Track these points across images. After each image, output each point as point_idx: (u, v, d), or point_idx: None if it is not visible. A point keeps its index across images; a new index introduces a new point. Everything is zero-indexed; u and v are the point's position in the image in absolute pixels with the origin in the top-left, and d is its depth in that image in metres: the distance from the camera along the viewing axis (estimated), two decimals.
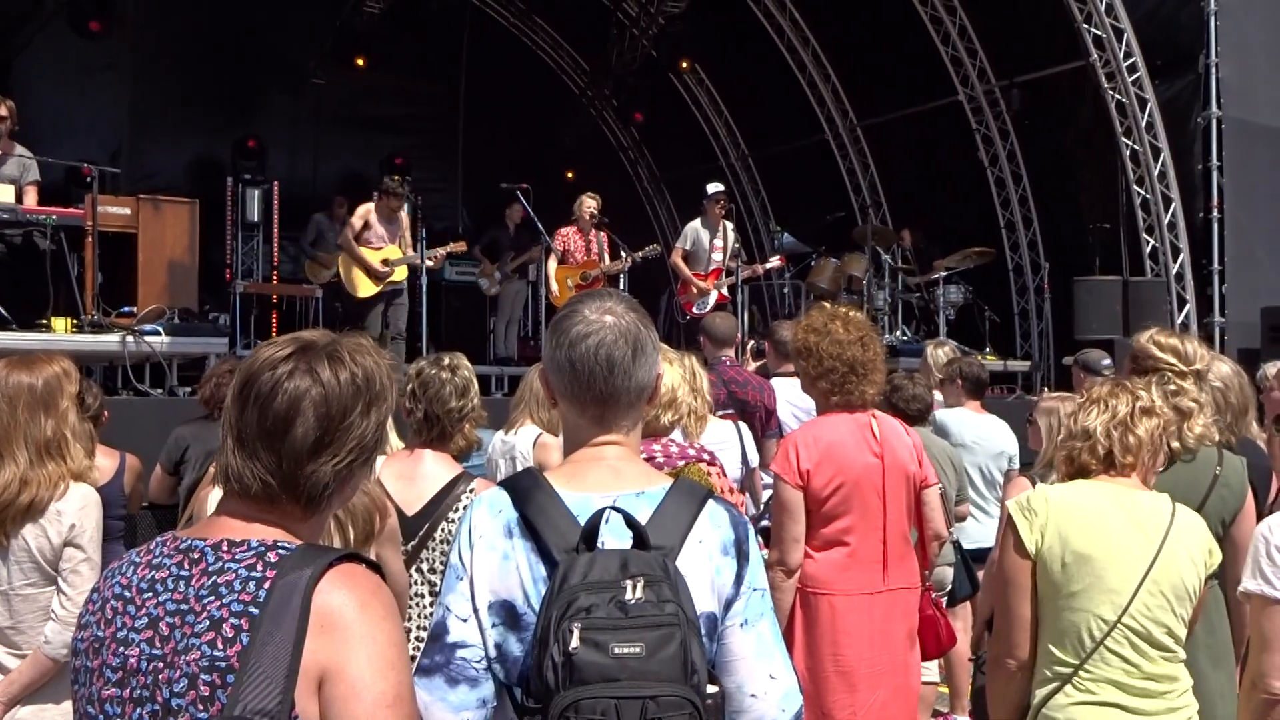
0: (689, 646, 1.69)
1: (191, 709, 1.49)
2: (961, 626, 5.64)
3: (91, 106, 12.82)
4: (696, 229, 9.80)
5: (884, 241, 12.11)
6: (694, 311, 9.53)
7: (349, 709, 1.49)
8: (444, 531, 3.43)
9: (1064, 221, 12.11)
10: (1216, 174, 10.90)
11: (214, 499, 1.72)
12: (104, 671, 1.57)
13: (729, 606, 1.83)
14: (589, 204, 9.80)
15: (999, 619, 2.83)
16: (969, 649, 5.58)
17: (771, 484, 3.96)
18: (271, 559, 1.55)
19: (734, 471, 4.51)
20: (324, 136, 14.55)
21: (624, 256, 9.76)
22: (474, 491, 3.44)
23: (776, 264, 11.02)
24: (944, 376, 6.44)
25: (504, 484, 1.90)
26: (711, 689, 1.77)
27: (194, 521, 2.89)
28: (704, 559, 1.81)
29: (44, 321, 7.29)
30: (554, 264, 9.81)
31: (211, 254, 11.41)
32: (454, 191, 15.70)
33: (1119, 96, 10.94)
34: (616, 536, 1.75)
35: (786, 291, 12.78)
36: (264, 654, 1.48)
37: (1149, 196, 11.07)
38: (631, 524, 1.75)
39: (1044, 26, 11.47)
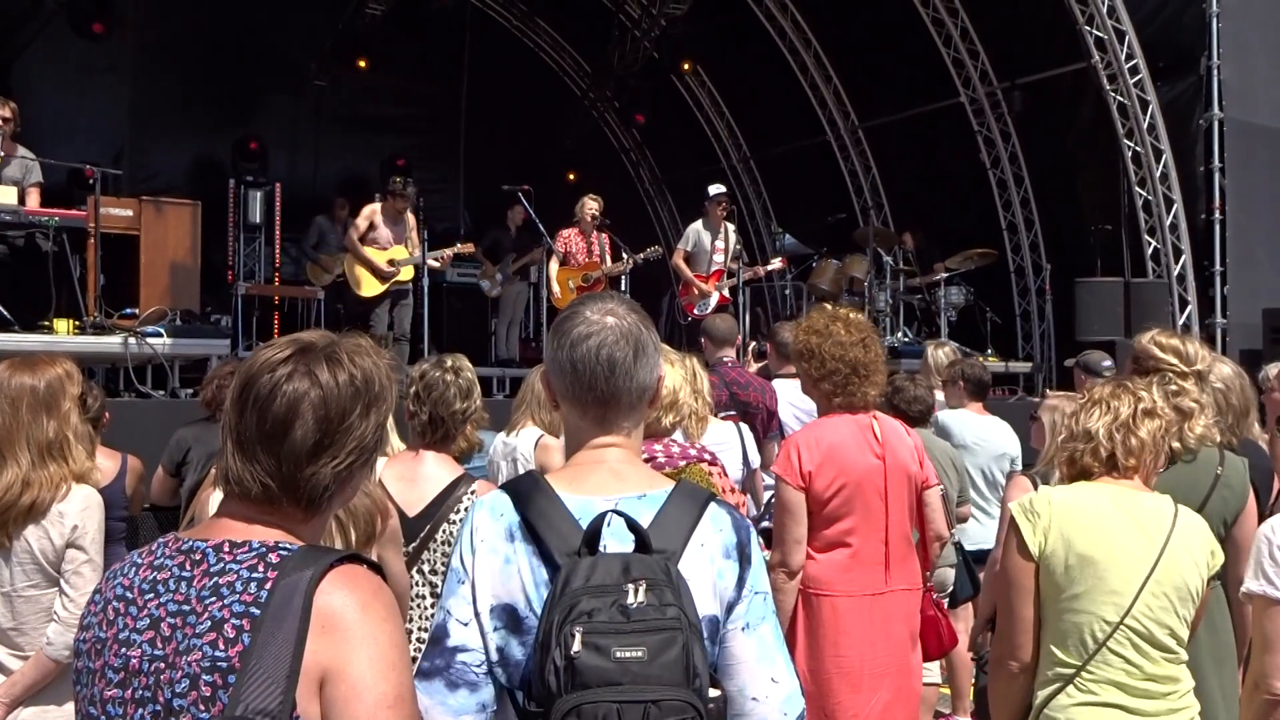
0: (691, 650, 1.68)
1: (193, 709, 1.49)
2: (963, 628, 5.63)
3: (93, 108, 12.83)
4: (698, 230, 9.80)
5: (885, 243, 12.10)
6: (695, 313, 9.53)
7: (350, 709, 1.49)
8: (445, 533, 3.43)
9: (1065, 223, 12.10)
10: (1218, 175, 10.90)
11: (215, 500, 1.72)
12: (106, 672, 1.57)
13: (731, 610, 1.82)
14: (590, 206, 9.81)
15: (1002, 620, 2.83)
16: (970, 650, 5.59)
17: (773, 485, 3.96)
18: (273, 560, 1.55)
19: (735, 472, 4.51)
20: (325, 138, 14.56)
21: (625, 258, 9.76)
22: (475, 493, 3.44)
23: (778, 265, 11.02)
24: (946, 378, 6.43)
25: (505, 487, 1.90)
26: (713, 693, 1.76)
27: (195, 523, 2.90)
28: (706, 562, 1.81)
29: (46, 323, 7.29)
30: (555, 265, 9.82)
31: (213, 256, 11.42)
32: (455, 193, 15.70)
33: (1120, 98, 10.93)
34: (618, 540, 1.75)
35: (788, 293, 12.77)
36: (265, 654, 1.48)
37: (1150, 198, 11.06)
38: (633, 527, 1.75)
39: (1045, 28, 11.47)
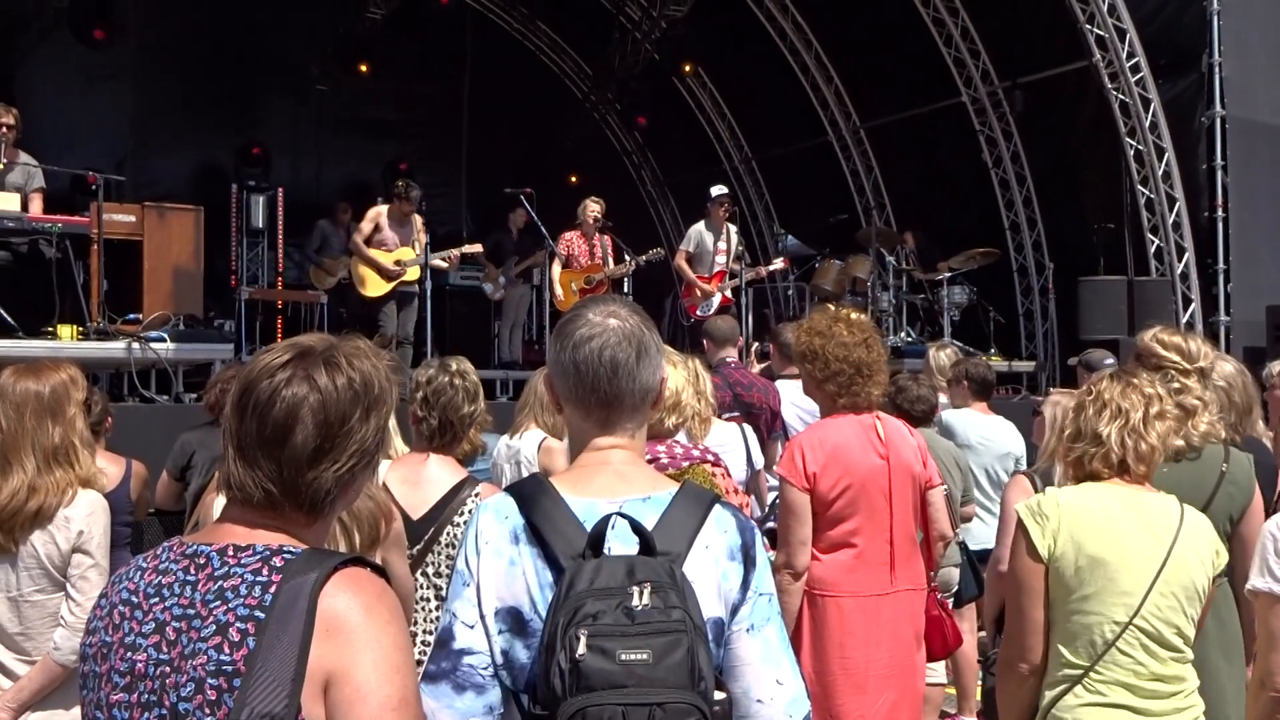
0: (696, 653, 1.68)
1: (199, 713, 1.49)
2: (968, 628, 5.64)
3: (96, 114, 12.84)
4: (700, 232, 9.80)
5: (888, 243, 12.09)
6: (698, 314, 9.53)
7: (355, 712, 1.49)
8: (449, 536, 3.43)
9: (1068, 222, 12.08)
10: (1220, 173, 10.89)
11: (219, 505, 1.73)
12: (112, 676, 1.57)
13: (735, 611, 1.82)
14: (592, 208, 9.82)
15: (1011, 622, 2.81)
16: (976, 650, 5.58)
17: (777, 486, 3.95)
18: (277, 563, 1.55)
19: (739, 473, 4.51)
20: (327, 142, 14.57)
21: (628, 260, 9.76)
22: (479, 496, 3.44)
23: (779, 266, 11.01)
24: (950, 378, 6.43)
25: (510, 490, 1.90)
26: (719, 695, 1.76)
27: (200, 527, 2.91)
28: (710, 564, 1.81)
29: (50, 329, 7.29)
30: (558, 268, 9.82)
31: (216, 261, 11.41)
32: (457, 196, 15.71)
33: (1122, 96, 10.92)
34: (623, 542, 1.75)
35: (790, 294, 12.76)
36: (270, 658, 1.48)
37: (1153, 196, 11.05)
38: (638, 530, 1.74)
39: (1046, 27, 11.46)
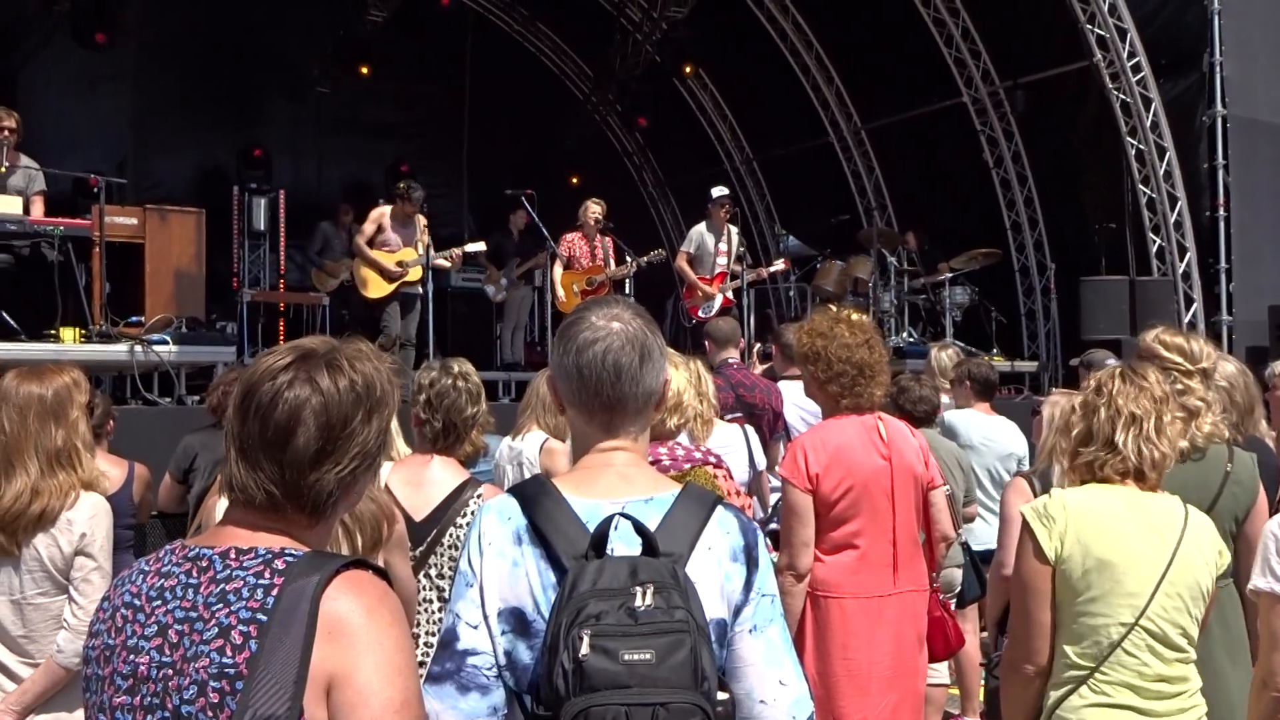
0: (699, 653, 1.68)
1: (201, 716, 1.50)
2: (970, 628, 5.63)
3: (97, 117, 12.85)
4: (701, 233, 9.81)
5: (889, 244, 12.09)
6: (699, 315, 9.54)
7: (357, 715, 1.50)
8: (452, 537, 3.43)
9: (1070, 222, 12.08)
10: (1222, 173, 10.88)
11: (222, 507, 1.73)
12: (115, 679, 1.58)
13: (738, 612, 1.82)
14: (594, 209, 9.82)
15: (1017, 625, 2.79)
16: (979, 651, 5.58)
17: (779, 487, 3.95)
18: (279, 566, 1.56)
19: (741, 475, 4.51)
20: (329, 144, 14.58)
21: (629, 261, 9.76)
22: (481, 497, 3.44)
23: (780, 267, 11.02)
24: (953, 378, 6.43)
25: (513, 491, 1.90)
26: (722, 696, 1.76)
27: (203, 530, 2.91)
28: (713, 565, 1.81)
29: (52, 332, 7.30)
30: (559, 269, 9.82)
31: (218, 263, 11.41)
32: (458, 197, 15.71)
33: (1123, 96, 10.92)
34: (626, 543, 1.75)
35: (792, 294, 12.77)
36: (273, 660, 1.48)
37: (1155, 196, 11.04)
38: (641, 530, 1.75)
39: (1047, 27, 11.46)
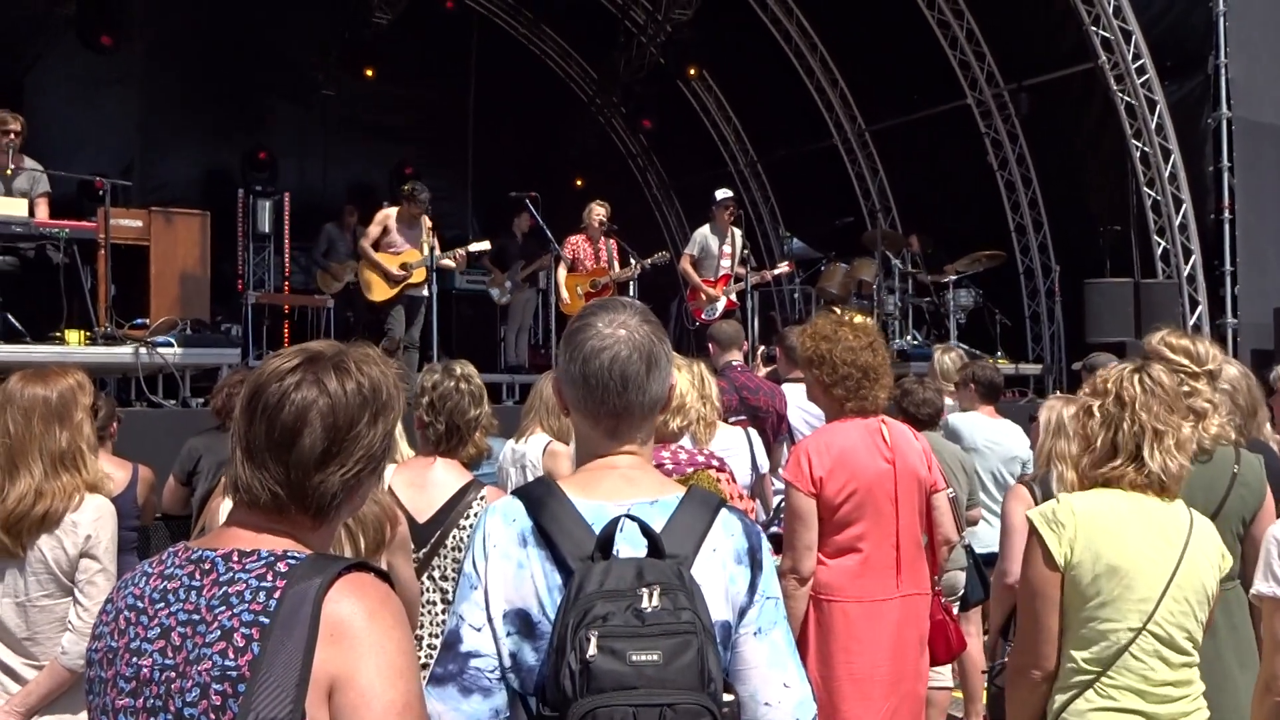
0: (706, 654, 1.68)
1: (204, 718, 1.50)
2: (974, 631, 5.62)
3: (102, 120, 12.87)
4: (705, 235, 9.81)
5: (893, 246, 12.08)
6: (703, 318, 9.55)
7: (359, 717, 1.50)
8: (455, 539, 3.43)
9: (1074, 224, 12.06)
10: (1227, 175, 10.86)
11: (226, 509, 1.73)
12: (117, 681, 1.58)
13: (743, 615, 1.82)
14: (598, 211, 9.83)
15: (1025, 630, 2.78)
16: (982, 654, 5.57)
17: (783, 490, 3.95)
18: (281, 569, 1.56)
19: (743, 478, 4.51)
20: (333, 146, 14.59)
21: (633, 263, 9.76)
22: (484, 499, 3.44)
23: (784, 269, 11.02)
24: (958, 380, 6.43)
25: (518, 492, 1.89)
26: (727, 697, 1.76)
27: (206, 532, 2.91)
28: (718, 567, 1.81)
29: (57, 334, 7.32)
30: (564, 272, 9.83)
31: (223, 265, 11.45)
32: (463, 200, 15.73)
33: (1128, 98, 10.91)
34: (631, 545, 1.75)
35: (796, 297, 12.76)
36: (275, 663, 1.48)
37: (1159, 198, 11.03)
38: (646, 532, 1.75)
39: (1052, 29, 11.45)
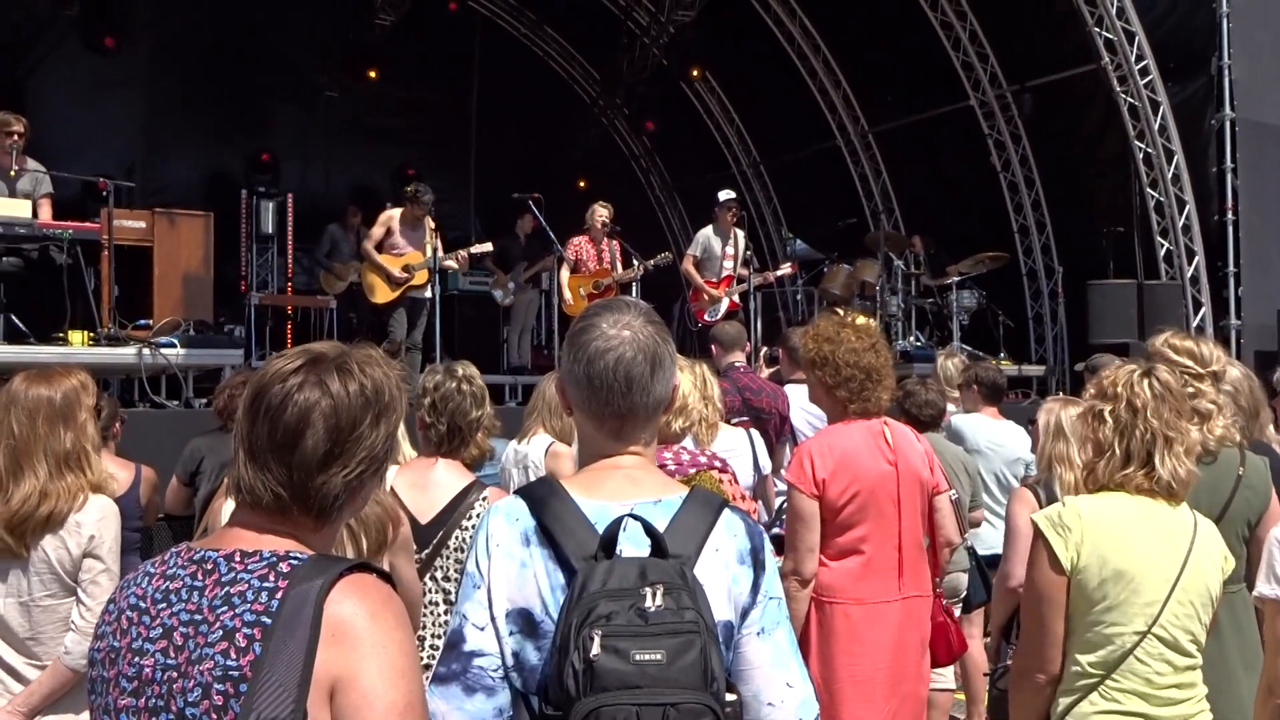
0: (709, 654, 1.68)
1: (205, 718, 1.50)
2: (976, 633, 5.62)
3: (106, 122, 12.88)
4: (708, 236, 9.82)
5: (896, 247, 12.08)
6: (706, 319, 9.55)
7: (361, 717, 1.50)
8: (458, 539, 3.43)
9: (1077, 225, 12.05)
10: (1230, 176, 10.84)
11: (228, 510, 1.74)
12: (119, 681, 1.58)
13: (745, 615, 1.82)
14: (601, 213, 9.83)
15: (1030, 634, 2.78)
16: (984, 656, 5.56)
17: (785, 491, 3.95)
18: (284, 569, 1.56)
19: (745, 479, 4.51)
20: (336, 148, 14.59)
21: (636, 265, 9.77)
22: (486, 500, 3.44)
23: (788, 271, 11.02)
24: (961, 382, 6.44)
25: (521, 492, 1.89)
26: (729, 697, 1.76)
27: (209, 532, 2.91)
28: (721, 567, 1.81)
29: (61, 335, 7.33)
30: (566, 273, 9.83)
31: (226, 266, 11.47)
32: (466, 201, 15.72)
33: (1131, 99, 10.90)
34: (635, 544, 1.75)
35: (799, 298, 12.76)
36: (277, 663, 1.49)
37: (1163, 199, 11.02)
38: (650, 532, 1.75)
39: (1055, 30, 11.44)
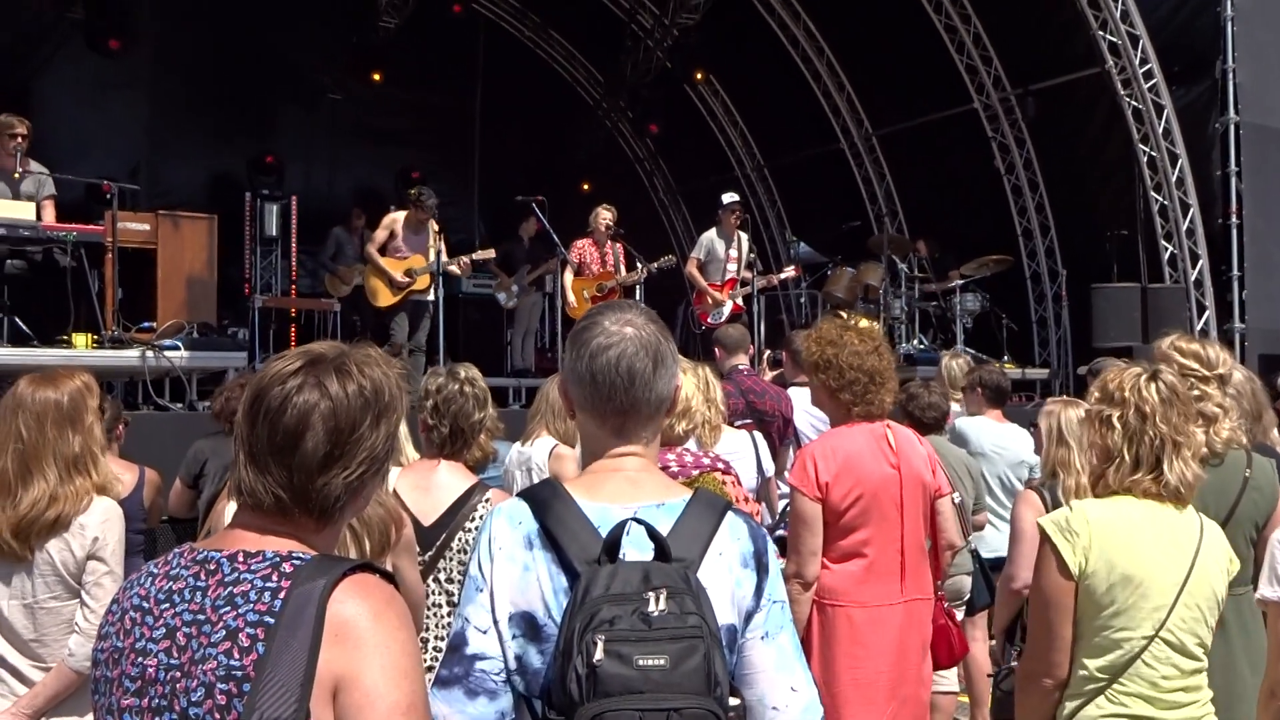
0: (712, 659, 1.68)
1: (208, 718, 1.50)
2: (980, 635, 5.62)
3: (110, 124, 12.91)
4: (712, 239, 9.82)
5: (900, 250, 12.08)
6: (709, 322, 9.55)
7: (364, 717, 1.50)
8: (461, 541, 3.43)
9: (1081, 228, 12.04)
10: (1235, 179, 10.83)
11: (231, 511, 1.74)
12: (123, 681, 1.58)
13: (749, 619, 1.82)
14: (604, 215, 9.84)
15: (1037, 638, 2.77)
16: (988, 659, 5.56)
17: (788, 493, 3.95)
18: (286, 569, 1.56)
19: (748, 481, 4.51)
20: (341, 151, 14.62)
21: (640, 267, 9.78)
22: (489, 502, 3.44)
23: (792, 274, 11.02)
24: (965, 385, 6.44)
25: (523, 495, 1.89)
26: (733, 701, 1.76)
27: (212, 534, 2.92)
28: (724, 571, 1.81)
29: (65, 337, 7.34)
30: (570, 276, 9.84)
31: (230, 269, 11.47)
32: (469, 204, 15.74)
33: (1135, 103, 10.89)
34: (638, 548, 1.75)
35: (803, 301, 12.76)
36: (280, 663, 1.49)
37: (1167, 203, 11.00)
38: (653, 536, 1.74)
39: (1059, 34, 11.44)
